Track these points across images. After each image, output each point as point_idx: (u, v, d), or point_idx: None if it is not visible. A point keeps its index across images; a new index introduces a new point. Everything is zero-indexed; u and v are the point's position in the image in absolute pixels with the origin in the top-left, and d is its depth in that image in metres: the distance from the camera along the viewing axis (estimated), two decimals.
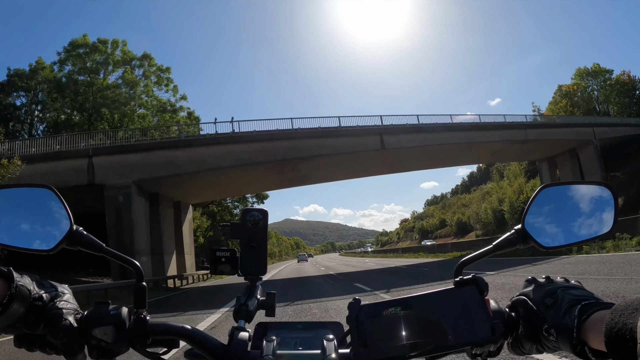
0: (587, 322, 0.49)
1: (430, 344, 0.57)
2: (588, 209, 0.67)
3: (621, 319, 0.42)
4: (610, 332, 0.42)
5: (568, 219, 0.67)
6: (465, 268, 0.65)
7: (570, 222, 0.67)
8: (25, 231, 0.63)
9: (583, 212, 0.67)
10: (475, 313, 0.58)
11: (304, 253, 79.32)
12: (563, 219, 0.67)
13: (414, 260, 29.17)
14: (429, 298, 0.60)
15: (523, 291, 0.61)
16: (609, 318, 0.43)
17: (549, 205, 0.67)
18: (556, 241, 0.66)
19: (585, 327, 0.49)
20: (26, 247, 0.62)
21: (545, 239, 0.65)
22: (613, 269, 8.60)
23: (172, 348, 0.64)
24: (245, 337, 0.61)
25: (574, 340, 0.49)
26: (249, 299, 0.66)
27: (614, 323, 0.42)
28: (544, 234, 0.65)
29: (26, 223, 0.64)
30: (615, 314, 0.43)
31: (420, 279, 13.04)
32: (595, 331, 0.47)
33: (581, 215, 0.67)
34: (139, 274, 0.64)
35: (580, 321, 0.50)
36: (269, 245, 0.72)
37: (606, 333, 0.43)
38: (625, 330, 0.40)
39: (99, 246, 0.64)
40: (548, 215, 0.67)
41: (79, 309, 0.60)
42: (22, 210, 0.64)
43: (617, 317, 0.42)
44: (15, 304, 0.51)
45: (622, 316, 0.42)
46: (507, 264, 12.18)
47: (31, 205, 0.64)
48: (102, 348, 0.57)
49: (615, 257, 11.75)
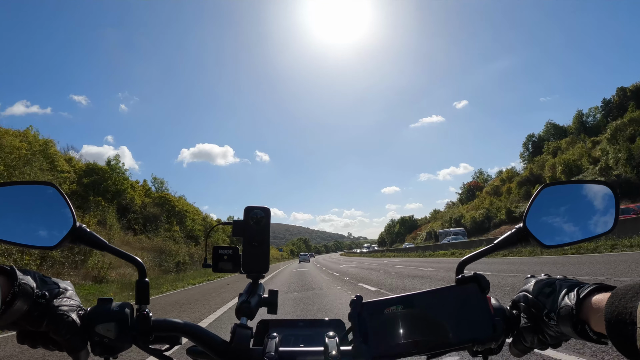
0: (587, 304, 0.49)
1: (432, 341, 0.57)
2: (589, 208, 0.68)
3: (622, 302, 0.42)
4: (611, 315, 0.43)
5: (569, 218, 0.67)
6: (466, 266, 0.66)
7: (571, 221, 0.67)
8: (28, 228, 0.63)
9: (584, 211, 0.68)
10: (476, 311, 0.59)
11: (305, 253, 73.93)
12: (564, 218, 0.67)
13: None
14: (431, 296, 0.61)
15: (523, 288, 0.62)
16: (610, 302, 0.44)
17: (550, 205, 0.67)
18: (557, 240, 0.66)
19: (585, 308, 0.49)
20: (30, 244, 0.62)
21: (546, 238, 0.66)
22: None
23: (174, 344, 0.64)
24: (248, 334, 0.61)
25: (574, 319, 0.50)
26: (251, 296, 0.66)
27: (614, 307, 0.43)
28: (545, 232, 0.66)
29: (29, 220, 0.64)
30: (615, 298, 0.44)
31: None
32: (595, 313, 0.47)
33: (582, 214, 0.68)
34: (142, 271, 0.64)
35: (579, 300, 0.50)
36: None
37: (606, 316, 0.43)
38: (625, 314, 0.41)
39: (102, 244, 0.65)
40: (549, 214, 0.67)
41: (81, 305, 0.60)
42: (25, 207, 0.64)
43: (617, 301, 0.43)
44: (19, 301, 0.52)
45: (622, 300, 0.42)
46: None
47: (35, 202, 0.65)
48: (105, 344, 0.58)
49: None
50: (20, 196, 0.64)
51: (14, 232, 0.62)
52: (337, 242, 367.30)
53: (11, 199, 0.63)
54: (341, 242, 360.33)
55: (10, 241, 0.61)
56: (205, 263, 0.69)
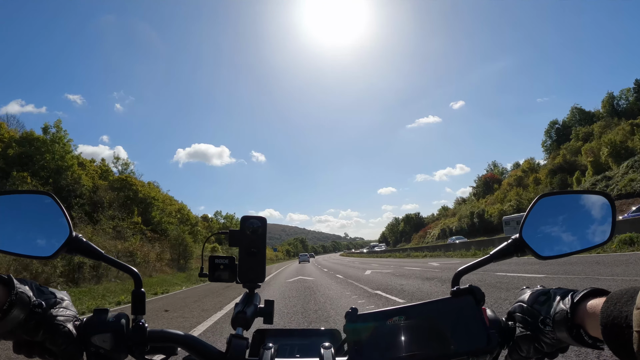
0: (582, 308, 0.49)
1: (427, 353, 0.57)
2: (586, 219, 0.67)
3: (617, 306, 0.42)
4: (607, 319, 0.43)
5: (566, 228, 0.67)
6: (462, 277, 0.66)
7: (568, 232, 0.67)
8: (25, 237, 0.63)
9: (581, 222, 0.68)
10: (471, 323, 0.59)
11: (305, 253, 71.78)
12: (561, 229, 0.67)
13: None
14: (426, 308, 0.61)
15: (518, 298, 0.62)
16: (605, 306, 0.44)
17: (546, 215, 0.67)
18: (554, 251, 0.66)
19: (580, 312, 0.50)
20: (26, 254, 0.62)
21: (542, 249, 0.65)
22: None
23: (170, 355, 0.64)
24: (243, 344, 0.61)
25: (569, 323, 0.50)
26: (247, 306, 0.66)
27: (609, 311, 0.43)
28: (542, 243, 0.66)
29: (26, 229, 0.64)
30: (610, 302, 0.44)
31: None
32: (590, 318, 0.48)
33: (579, 224, 0.67)
34: (137, 281, 0.64)
35: (574, 303, 0.50)
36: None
37: (602, 320, 0.44)
38: (620, 318, 0.41)
39: (98, 253, 0.65)
40: (546, 224, 0.67)
41: (78, 315, 0.61)
42: (22, 216, 0.65)
43: (612, 305, 0.43)
44: (15, 310, 0.52)
45: (617, 304, 0.43)
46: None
47: (31, 212, 0.65)
48: (100, 355, 0.58)
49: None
50: (17, 205, 0.65)
51: (10, 241, 0.62)
52: (334, 242, 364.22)
53: (7, 208, 0.63)
54: (339, 243, 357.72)
55: (7, 251, 0.61)
56: (202, 272, 0.69)
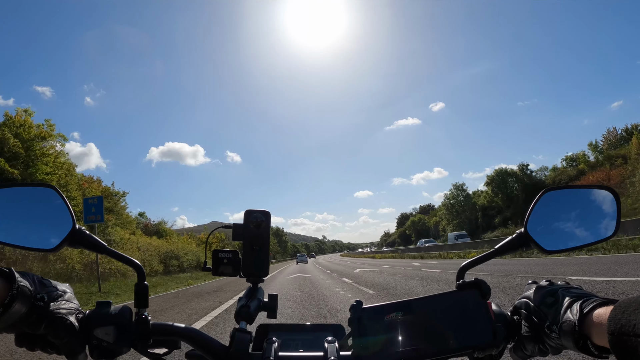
0: (590, 318, 0.49)
1: (432, 347, 0.57)
2: (590, 213, 0.67)
3: (624, 315, 0.42)
4: (614, 328, 0.42)
5: (570, 222, 0.67)
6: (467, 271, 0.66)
7: (573, 226, 0.67)
8: (27, 230, 0.63)
9: (585, 216, 0.67)
10: (476, 316, 0.58)
11: (303, 253, 68.64)
12: (565, 223, 0.67)
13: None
14: (431, 301, 0.60)
15: (524, 294, 0.61)
16: (612, 315, 0.43)
17: (551, 209, 0.67)
18: (558, 245, 0.66)
19: (588, 322, 0.49)
20: (29, 246, 0.62)
21: (547, 243, 0.65)
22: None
23: (173, 349, 0.64)
24: (247, 338, 0.60)
25: (576, 335, 0.49)
26: (251, 300, 0.65)
27: (617, 319, 0.42)
28: (546, 237, 0.65)
29: (29, 222, 0.64)
30: (618, 311, 0.43)
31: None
32: (597, 327, 0.47)
33: (583, 219, 0.67)
34: (141, 274, 0.64)
35: (582, 315, 0.50)
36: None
37: (609, 329, 0.43)
38: (628, 326, 0.41)
39: (101, 246, 0.64)
40: (550, 219, 0.67)
41: (80, 308, 0.60)
42: (24, 209, 0.64)
43: (620, 314, 0.43)
44: (17, 304, 0.51)
45: (625, 313, 0.42)
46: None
47: (34, 204, 0.64)
48: (103, 348, 0.57)
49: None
50: (20, 198, 0.64)
51: (13, 234, 0.62)
52: (318, 242, 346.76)
53: (11, 201, 0.63)
54: (323, 242, 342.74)
55: (10, 243, 0.61)
56: (205, 266, 0.69)
